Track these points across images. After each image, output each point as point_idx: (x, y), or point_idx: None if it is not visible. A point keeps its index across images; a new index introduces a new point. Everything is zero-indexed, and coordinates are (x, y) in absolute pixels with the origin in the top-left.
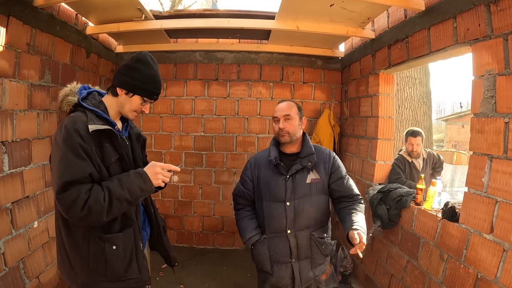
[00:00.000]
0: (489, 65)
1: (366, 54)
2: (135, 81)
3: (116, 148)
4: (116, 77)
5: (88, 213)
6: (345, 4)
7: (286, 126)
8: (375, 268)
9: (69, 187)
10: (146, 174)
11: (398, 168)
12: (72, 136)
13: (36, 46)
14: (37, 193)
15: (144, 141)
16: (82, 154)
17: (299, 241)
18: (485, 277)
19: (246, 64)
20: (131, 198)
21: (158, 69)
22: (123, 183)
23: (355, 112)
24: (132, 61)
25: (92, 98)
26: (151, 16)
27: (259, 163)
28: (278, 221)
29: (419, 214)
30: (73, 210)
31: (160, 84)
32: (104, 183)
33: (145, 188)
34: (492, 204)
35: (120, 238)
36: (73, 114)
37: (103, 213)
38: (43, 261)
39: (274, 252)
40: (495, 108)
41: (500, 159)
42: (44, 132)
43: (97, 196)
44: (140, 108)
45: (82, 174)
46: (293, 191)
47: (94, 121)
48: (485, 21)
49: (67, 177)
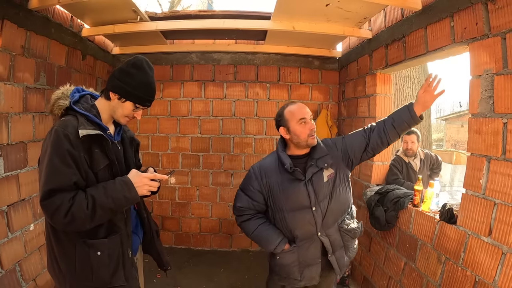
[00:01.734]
0: (487, 65)
1: (363, 54)
2: (128, 87)
3: (107, 154)
4: (110, 81)
5: (71, 220)
6: (341, 4)
7: (314, 125)
8: (373, 270)
9: (53, 194)
10: (132, 183)
11: (395, 169)
12: (61, 141)
13: (31, 48)
14: (33, 196)
15: (137, 145)
16: (68, 161)
17: (331, 238)
18: (483, 280)
19: (242, 65)
20: (115, 207)
21: (154, 75)
22: (108, 192)
23: (353, 112)
24: (127, 65)
25: (84, 102)
26: (146, 18)
27: (267, 172)
28: (308, 228)
29: (417, 216)
30: (56, 217)
31: (154, 91)
32: (89, 191)
33: (130, 197)
34: (491, 206)
35: (105, 245)
36: (64, 118)
37: (86, 221)
38: (40, 263)
39: (305, 258)
40: (493, 109)
41: (498, 160)
42: (39, 135)
43: (81, 204)
44: (132, 114)
45: (67, 182)
46: (316, 194)
47: (85, 125)
48: (482, 20)
49: (52, 185)
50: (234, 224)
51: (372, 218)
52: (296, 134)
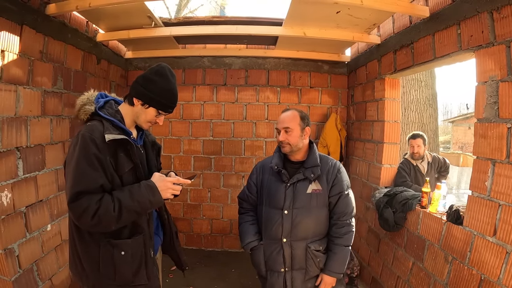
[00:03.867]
0: (492, 72)
1: (372, 59)
2: (152, 94)
3: (131, 158)
4: (134, 87)
5: (98, 222)
6: (351, 11)
7: (286, 138)
8: (381, 270)
9: (81, 197)
10: (156, 188)
11: (403, 172)
12: (88, 145)
13: (49, 53)
14: (50, 197)
15: (158, 149)
16: (95, 165)
17: (294, 251)
18: (488, 278)
19: (253, 69)
20: (140, 210)
21: (176, 82)
22: (134, 195)
23: (362, 116)
24: (150, 73)
25: (109, 107)
26: (160, 23)
27: (264, 168)
28: (275, 229)
29: (425, 217)
30: (83, 218)
31: (176, 98)
32: (115, 194)
33: (154, 201)
34: (495, 207)
35: (129, 245)
36: (90, 123)
37: (112, 223)
38: (56, 263)
39: (269, 259)
40: (498, 114)
41: (502, 163)
42: (57, 137)
43: (107, 207)
44: (154, 120)
45: (94, 184)
46: (293, 200)
47: (110, 130)
48: (488, 28)
49: (79, 187)
50: None
51: (381, 219)
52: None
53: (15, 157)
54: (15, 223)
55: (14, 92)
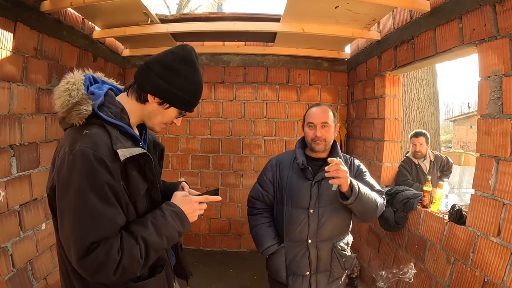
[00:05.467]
0: (495, 66)
1: (372, 56)
2: (177, 90)
3: (147, 175)
4: (148, 78)
5: (123, 274)
6: (350, 6)
7: (323, 133)
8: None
9: (95, 246)
10: (184, 214)
11: (404, 170)
12: (95, 171)
13: (44, 50)
14: (44, 196)
15: (162, 150)
16: (111, 198)
17: (320, 253)
18: (492, 280)
19: (252, 67)
20: (168, 245)
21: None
22: (161, 230)
23: (362, 114)
24: (173, 59)
25: (111, 104)
26: (157, 20)
27: (282, 165)
28: (300, 229)
29: (426, 217)
30: (102, 275)
31: (202, 91)
32: (137, 232)
33: (183, 231)
34: (499, 206)
35: (153, 285)
36: (88, 132)
37: (137, 270)
38: (51, 262)
39: (291, 263)
40: (501, 110)
41: (507, 161)
42: (51, 135)
43: (132, 254)
44: (172, 121)
45: (113, 227)
46: (318, 198)
47: (121, 141)
48: (490, 21)
49: (94, 236)
50: (244, 225)
51: (381, 219)
52: (305, 135)
53: (8, 155)
54: (9, 222)
55: (8, 90)
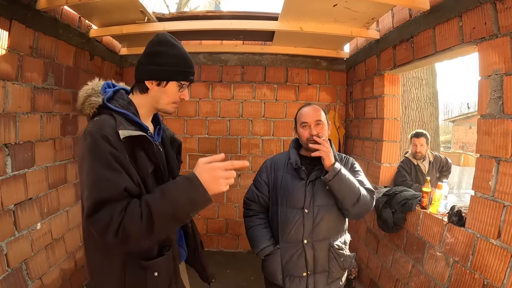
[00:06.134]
0: (496, 65)
1: (371, 55)
2: (165, 66)
3: (151, 158)
4: (140, 71)
5: (126, 237)
6: (349, 4)
7: (318, 131)
8: (380, 272)
9: (100, 207)
10: (199, 181)
11: (403, 171)
12: (100, 144)
13: (39, 49)
14: (40, 195)
15: (179, 145)
16: (114, 165)
17: (317, 253)
18: (492, 283)
19: (250, 66)
20: (179, 214)
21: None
22: (167, 195)
23: (360, 113)
24: (152, 46)
25: (120, 98)
26: (154, 19)
27: (276, 165)
28: (295, 230)
29: (425, 218)
30: (107, 236)
31: (191, 61)
32: (144, 197)
33: (198, 200)
34: (500, 208)
35: (162, 263)
36: (97, 118)
37: (142, 236)
38: (46, 262)
39: (288, 264)
40: (502, 109)
41: (507, 162)
42: (47, 134)
43: (133, 214)
44: (178, 97)
45: (116, 189)
46: (313, 197)
47: (124, 125)
48: (491, 20)
49: (97, 195)
50: (241, 225)
51: (379, 220)
52: (299, 136)
53: (3, 153)
54: (3, 221)
55: (3, 88)
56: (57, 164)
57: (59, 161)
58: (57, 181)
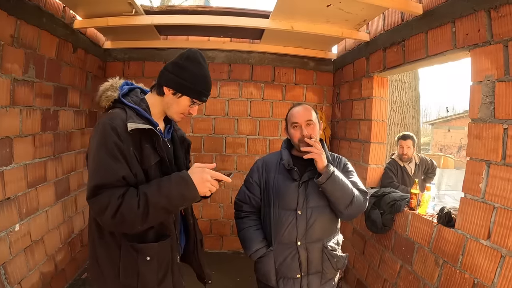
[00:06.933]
0: (488, 71)
1: (360, 57)
2: (185, 81)
3: (157, 150)
4: (163, 75)
5: (121, 221)
6: (343, 5)
7: (309, 131)
8: (367, 272)
9: (100, 191)
10: (190, 179)
11: (390, 172)
12: (108, 134)
13: (21, 38)
14: (19, 195)
15: (188, 145)
16: (116, 155)
17: (310, 254)
18: (482, 282)
19: (237, 64)
20: (170, 207)
21: (208, 68)
22: (162, 188)
23: (347, 114)
24: (181, 59)
25: (134, 95)
26: (141, 11)
27: (268, 166)
28: (288, 231)
29: (414, 219)
30: (104, 217)
31: (210, 84)
32: (141, 188)
33: (188, 196)
34: (490, 210)
35: (155, 249)
36: (111, 111)
37: (137, 221)
38: (26, 266)
39: (281, 266)
40: (493, 114)
41: (498, 165)
42: (27, 130)
43: (131, 203)
44: (187, 110)
45: (115, 176)
46: (306, 199)
47: (133, 119)
48: (485, 27)
49: (98, 180)
50: (225, 225)
51: (368, 221)
52: (290, 137)
53: None
54: None
55: None
56: (37, 162)
57: (39, 158)
58: (37, 180)
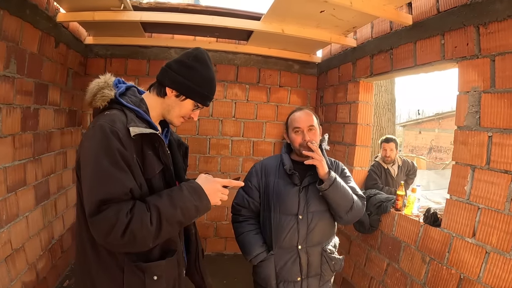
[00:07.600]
0: (475, 82)
1: (346, 62)
2: (191, 83)
3: (160, 157)
4: (166, 74)
5: (132, 240)
6: (335, 12)
7: (311, 137)
8: (353, 271)
9: (105, 207)
10: (203, 190)
11: (374, 174)
12: (109, 139)
13: (3, 30)
14: None
15: (186, 149)
16: (121, 164)
17: (310, 258)
18: (468, 277)
19: (222, 65)
20: (184, 220)
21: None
22: (175, 201)
23: (331, 118)
24: (188, 58)
25: (132, 95)
26: (130, 7)
27: (267, 170)
28: (289, 236)
29: (400, 219)
30: (111, 236)
31: (215, 88)
32: (150, 201)
33: (201, 208)
34: (474, 210)
35: (162, 267)
36: (109, 112)
37: (149, 239)
38: (7, 276)
39: (282, 270)
40: (479, 123)
41: (482, 169)
42: (7, 130)
43: (142, 218)
44: (189, 114)
45: (122, 189)
46: (306, 203)
47: (135, 122)
48: (473, 41)
49: (103, 194)
50: (209, 227)
51: (356, 222)
52: (291, 141)
53: None
54: None
55: None
56: (16, 164)
57: (19, 160)
58: (16, 184)
